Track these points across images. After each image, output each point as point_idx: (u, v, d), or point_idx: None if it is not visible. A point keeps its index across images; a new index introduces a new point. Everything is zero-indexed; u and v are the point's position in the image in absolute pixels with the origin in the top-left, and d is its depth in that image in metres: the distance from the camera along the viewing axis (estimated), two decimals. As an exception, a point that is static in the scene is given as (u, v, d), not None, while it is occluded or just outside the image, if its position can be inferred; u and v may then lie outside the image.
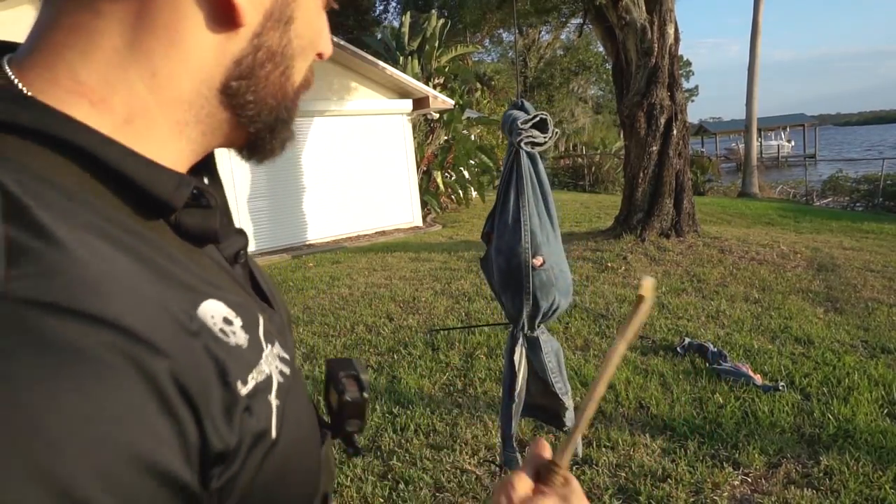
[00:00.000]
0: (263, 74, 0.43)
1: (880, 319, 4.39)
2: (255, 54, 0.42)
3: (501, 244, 1.33)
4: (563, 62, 24.28)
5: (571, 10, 9.28)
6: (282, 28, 0.43)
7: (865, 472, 2.47)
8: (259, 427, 0.37)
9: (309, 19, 0.45)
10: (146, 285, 0.33)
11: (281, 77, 0.45)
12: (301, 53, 0.47)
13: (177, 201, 0.38)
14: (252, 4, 0.40)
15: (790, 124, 41.97)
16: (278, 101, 0.46)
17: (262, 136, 0.48)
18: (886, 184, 14.70)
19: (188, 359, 0.32)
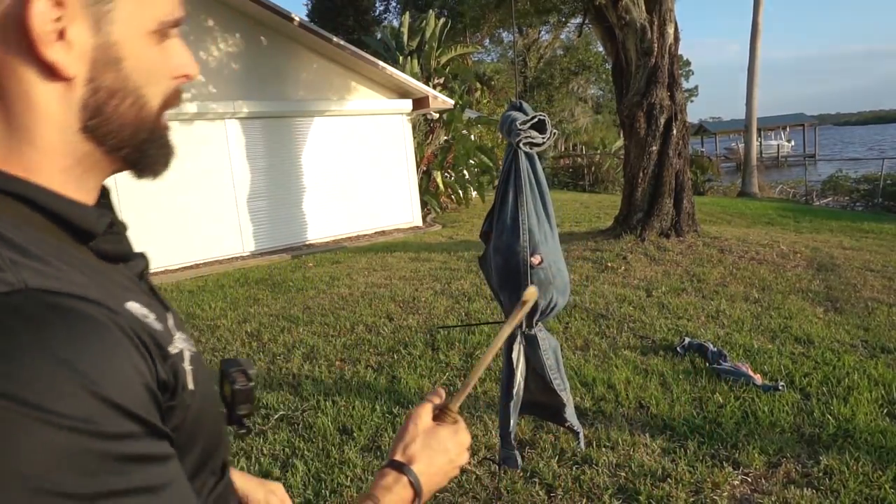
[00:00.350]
0: (111, 109, 0.51)
1: (880, 319, 4.39)
2: (96, 95, 0.49)
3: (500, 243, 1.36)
4: (562, 62, 24.27)
5: (571, 10, 9.28)
6: (113, 69, 0.50)
7: (865, 472, 2.47)
8: (182, 378, 0.51)
9: (140, 55, 0.51)
10: (93, 287, 0.45)
11: (132, 107, 0.52)
12: (149, 82, 0.53)
13: (98, 229, 0.51)
14: (73, 58, 0.47)
15: (790, 124, 41.98)
16: (136, 126, 0.53)
17: (135, 157, 0.55)
18: (886, 183, 14.70)
19: (136, 324, 0.47)
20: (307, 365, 4.04)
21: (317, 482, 2.62)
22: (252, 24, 9.21)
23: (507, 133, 1.41)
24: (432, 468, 0.73)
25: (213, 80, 8.93)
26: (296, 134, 9.83)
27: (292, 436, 3.05)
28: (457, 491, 2.49)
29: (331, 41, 9.52)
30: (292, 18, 9.03)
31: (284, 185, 9.72)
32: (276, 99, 9.46)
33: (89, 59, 0.48)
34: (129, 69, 0.51)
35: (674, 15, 7.31)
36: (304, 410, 3.33)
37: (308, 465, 2.76)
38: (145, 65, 0.52)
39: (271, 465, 2.76)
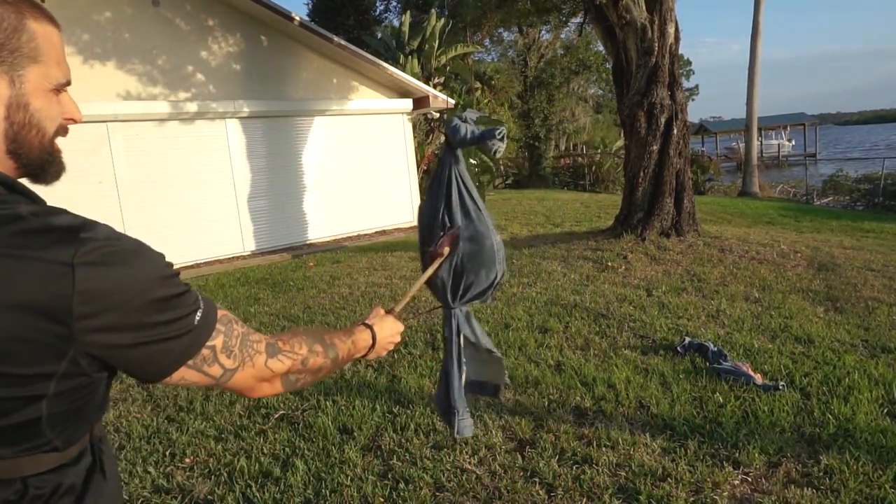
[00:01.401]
0: (23, 138, 0.80)
1: (880, 319, 4.39)
2: (13, 128, 0.79)
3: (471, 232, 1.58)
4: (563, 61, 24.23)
5: (571, 10, 9.27)
6: (22, 110, 0.79)
7: (865, 472, 2.47)
8: None
9: (41, 103, 0.81)
10: None
11: (37, 136, 0.82)
12: (46, 120, 0.83)
13: None
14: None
15: (790, 123, 41.96)
16: (39, 150, 0.83)
17: (36, 171, 0.84)
18: (887, 183, 14.70)
19: None
20: (307, 364, 4.04)
21: (317, 481, 2.62)
22: (253, 24, 9.21)
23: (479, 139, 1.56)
24: (381, 334, 1.31)
25: (214, 80, 8.93)
26: (296, 133, 9.83)
27: (293, 435, 3.05)
28: (457, 490, 2.50)
29: (331, 41, 9.52)
30: (293, 18, 9.03)
31: (285, 184, 9.72)
32: (277, 98, 9.47)
33: (5, 104, 0.78)
34: (33, 111, 0.80)
35: (674, 14, 7.30)
36: (304, 410, 3.33)
37: (308, 464, 2.76)
38: (44, 109, 0.82)
39: (272, 465, 2.77)
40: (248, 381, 0.94)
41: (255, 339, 0.94)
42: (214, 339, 0.86)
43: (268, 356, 0.95)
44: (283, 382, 1.02)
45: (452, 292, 1.60)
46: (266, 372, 0.95)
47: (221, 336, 0.88)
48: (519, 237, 8.78)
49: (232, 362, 0.89)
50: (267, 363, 0.95)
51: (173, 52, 8.52)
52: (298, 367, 1.02)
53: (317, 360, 1.06)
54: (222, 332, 0.88)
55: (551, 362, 3.80)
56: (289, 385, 1.03)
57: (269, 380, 0.98)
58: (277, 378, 0.99)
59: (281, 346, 0.99)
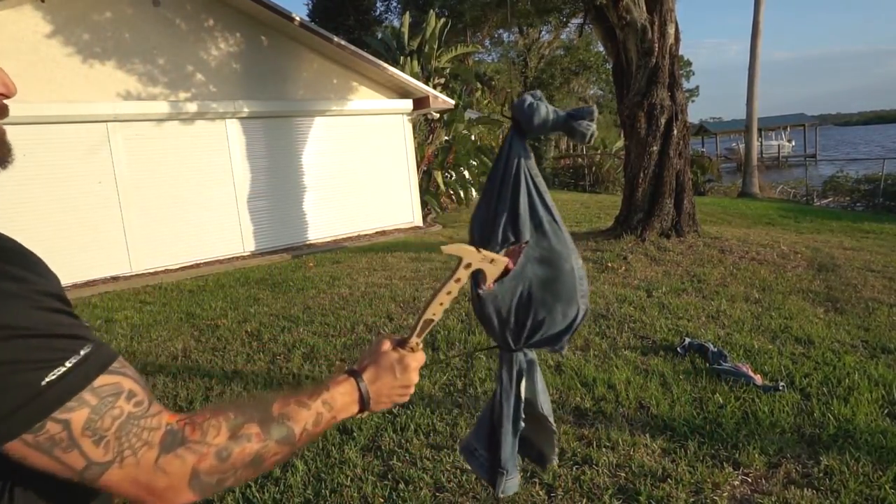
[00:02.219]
0: None
1: (881, 319, 4.39)
2: None
3: (543, 252, 1.16)
4: (563, 62, 24.26)
5: (572, 10, 9.28)
6: None
7: (865, 472, 2.47)
8: None
9: None
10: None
11: None
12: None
13: None
14: None
15: (790, 124, 41.96)
16: None
17: None
18: (887, 184, 14.70)
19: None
20: (307, 365, 4.04)
21: (317, 482, 2.62)
22: (253, 24, 9.21)
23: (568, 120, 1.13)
24: (381, 389, 0.93)
25: (214, 80, 8.93)
26: (296, 134, 9.83)
27: (292, 435, 3.05)
28: (457, 491, 2.49)
29: (331, 41, 9.52)
30: (293, 18, 9.03)
31: (285, 184, 9.72)
32: (277, 99, 9.47)
33: None
34: None
35: (674, 15, 7.30)
36: (304, 410, 3.33)
37: (308, 464, 2.76)
38: None
39: (271, 465, 2.76)
40: (131, 488, 0.66)
41: (150, 426, 0.67)
42: (71, 413, 0.61)
43: (161, 451, 0.67)
44: (194, 488, 0.69)
45: (515, 332, 1.19)
46: (157, 476, 0.67)
47: (86, 410, 0.63)
48: (519, 238, 8.77)
49: (101, 452, 0.64)
50: (159, 461, 0.67)
51: (173, 52, 8.52)
52: (211, 465, 0.70)
53: (247, 449, 0.73)
54: (88, 406, 0.63)
55: (551, 363, 3.80)
56: (204, 489, 0.70)
57: (168, 487, 0.68)
58: (182, 483, 0.68)
59: (187, 435, 0.70)
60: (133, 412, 0.66)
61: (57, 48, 7.49)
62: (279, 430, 0.76)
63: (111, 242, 7.93)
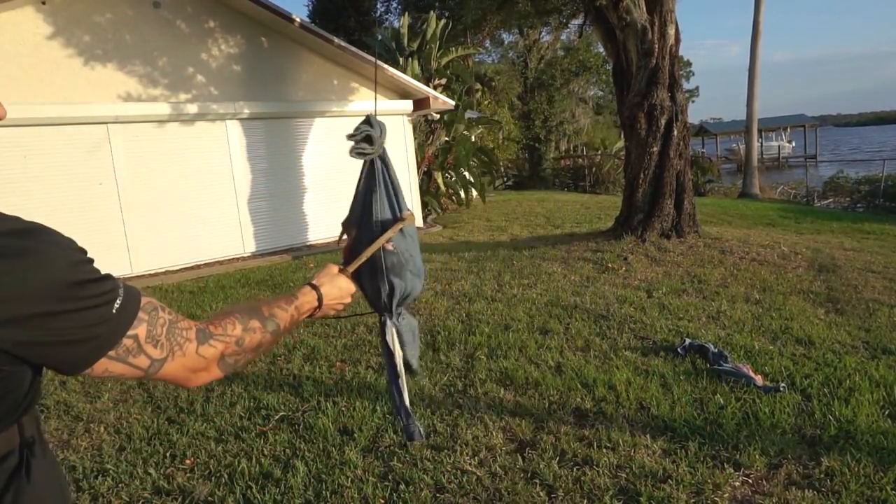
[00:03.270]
0: None
1: (881, 320, 4.39)
2: None
3: (363, 237, 1.59)
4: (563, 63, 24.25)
5: (572, 11, 9.28)
6: None
7: (867, 473, 2.47)
8: None
9: None
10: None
11: None
12: None
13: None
14: None
15: (791, 125, 41.98)
16: None
17: None
18: (887, 184, 14.70)
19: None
20: (308, 366, 4.04)
21: (317, 483, 2.62)
22: (253, 26, 9.22)
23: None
24: (330, 294, 1.28)
25: (214, 82, 8.94)
26: (296, 135, 9.84)
27: (293, 436, 3.05)
28: (457, 492, 2.49)
29: (331, 42, 9.52)
30: (293, 19, 9.04)
31: (285, 185, 9.72)
32: (277, 100, 9.47)
33: None
34: None
35: (674, 16, 7.31)
36: (304, 411, 3.33)
37: (309, 465, 2.76)
38: None
39: (272, 466, 2.76)
40: (181, 372, 0.91)
41: (184, 327, 0.90)
42: (136, 329, 0.82)
43: (198, 343, 0.92)
44: (220, 366, 0.98)
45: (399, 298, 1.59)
46: (199, 360, 0.92)
47: (145, 325, 0.84)
48: (519, 238, 8.78)
49: (159, 352, 0.86)
50: (199, 350, 0.92)
51: (174, 53, 8.53)
52: (233, 349, 0.98)
53: (254, 338, 1.01)
54: (145, 321, 0.84)
55: (552, 363, 3.80)
56: (227, 368, 0.99)
57: (205, 367, 0.94)
58: (213, 364, 0.96)
59: (212, 331, 0.95)
60: (171, 319, 0.88)
61: (58, 50, 7.49)
62: (271, 324, 1.06)
63: (112, 244, 7.93)
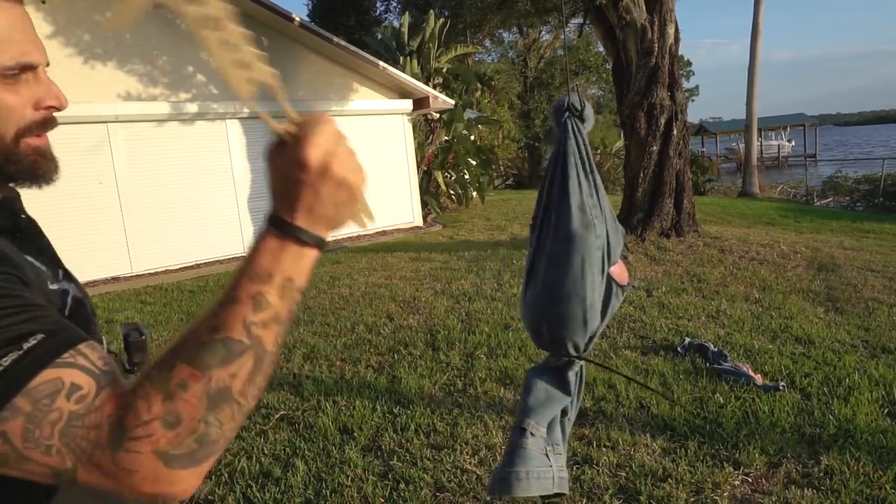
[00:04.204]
0: None
1: (881, 319, 4.39)
2: None
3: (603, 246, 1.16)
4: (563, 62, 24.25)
5: (572, 11, 9.27)
6: None
7: (866, 472, 2.47)
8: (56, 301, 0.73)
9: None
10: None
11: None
12: (3, 120, 0.67)
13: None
14: None
15: (790, 124, 41.96)
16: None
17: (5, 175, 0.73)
18: (886, 184, 14.70)
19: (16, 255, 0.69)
20: (308, 365, 4.04)
21: (317, 482, 2.63)
22: (253, 25, 9.21)
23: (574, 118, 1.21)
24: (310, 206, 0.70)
25: (214, 81, 8.93)
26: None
27: (293, 435, 3.05)
28: (457, 491, 2.50)
29: (331, 41, 9.52)
30: (293, 19, 9.04)
31: (285, 185, 9.71)
32: (277, 99, 9.47)
33: None
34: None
35: (674, 15, 7.30)
36: (304, 410, 3.33)
37: (309, 464, 2.76)
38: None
39: (272, 465, 2.77)
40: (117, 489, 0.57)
41: (93, 424, 0.55)
42: (6, 423, 0.54)
43: (113, 450, 0.55)
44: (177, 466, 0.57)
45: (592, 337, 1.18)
46: (128, 475, 0.56)
47: (20, 420, 0.54)
48: (519, 238, 8.78)
49: (59, 461, 0.55)
50: (116, 461, 0.55)
51: (174, 52, 8.53)
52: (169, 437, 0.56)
53: (192, 396, 0.57)
54: (23, 414, 0.54)
55: (551, 363, 3.80)
56: (194, 459, 0.58)
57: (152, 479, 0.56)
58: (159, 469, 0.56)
59: (128, 424, 0.56)
60: (74, 411, 0.55)
61: (58, 49, 7.49)
62: (213, 350, 0.58)
63: (112, 243, 7.93)
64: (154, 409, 0.56)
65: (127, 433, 0.55)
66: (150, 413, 0.56)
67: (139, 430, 0.55)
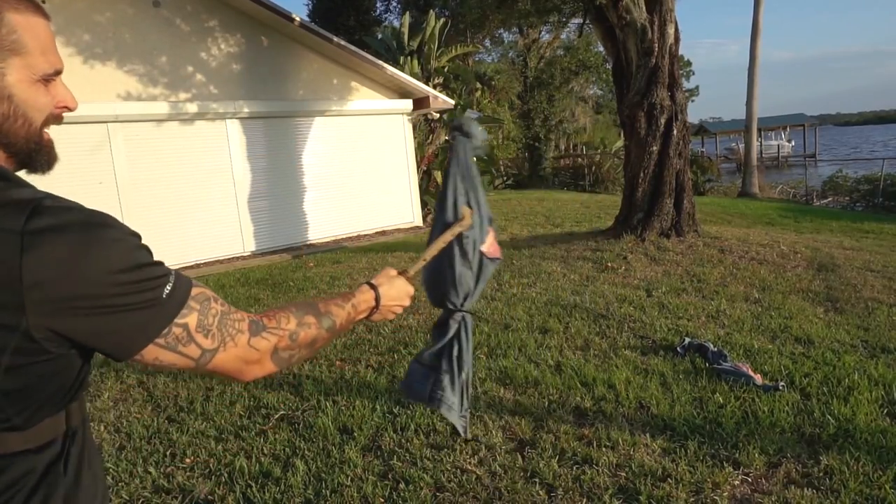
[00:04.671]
0: (9, 128, 0.80)
1: (880, 319, 4.39)
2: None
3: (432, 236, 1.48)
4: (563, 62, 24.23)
5: (571, 11, 9.27)
6: (6, 101, 0.79)
7: (866, 472, 2.47)
8: None
9: (25, 94, 0.81)
10: None
11: (23, 126, 0.82)
12: (32, 110, 0.83)
13: None
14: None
15: (790, 124, 41.99)
16: (25, 140, 0.83)
17: (25, 159, 0.84)
18: (886, 184, 14.71)
19: None
20: (307, 365, 4.05)
21: (317, 482, 2.63)
22: (253, 25, 9.21)
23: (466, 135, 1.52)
24: (389, 294, 1.22)
25: (214, 81, 8.93)
26: (296, 134, 9.84)
27: (293, 435, 3.05)
28: (457, 491, 2.50)
29: (331, 41, 9.52)
30: (293, 18, 9.04)
31: (285, 184, 9.72)
32: (277, 99, 9.47)
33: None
34: (18, 102, 0.80)
35: (674, 15, 7.31)
36: (304, 410, 3.33)
37: (308, 464, 2.76)
38: (29, 99, 0.82)
39: (272, 465, 2.77)
40: (233, 363, 0.89)
41: (237, 318, 0.89)
42: (186, 317, 0.82)
43: (251, 335, 0.90)
44: (274, 360, 0.95)
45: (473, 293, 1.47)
46: (251, 352, 0.90)
47: (195, 314, 0.83)
48: (519, 237, 8.78)
49: (210, 342, 0.85)
50: (251, 342, 0.90)
51: (174, 52, 8.53)
52: (286, 344, 0.95)
53: (308, 333, 0.99)
54: (196, 310, 0.83)
55: (551, 363, 3.81)
56: (281, 363, 0.96)
57: (258, 360, 0.92)
58: (266, 357, 0.93)
59: (266, 323, 0.94)
60: (223, 310, 0.88)
61: (58, 49, 7.48)
62: (327, 321, 1.03)
63: (111, 243, 7.93)
64: (289, 325, 0.97)
65: (265, 328, 0.93)
66: (286, 326, 0.96)
67: (275, 330, 0.94)
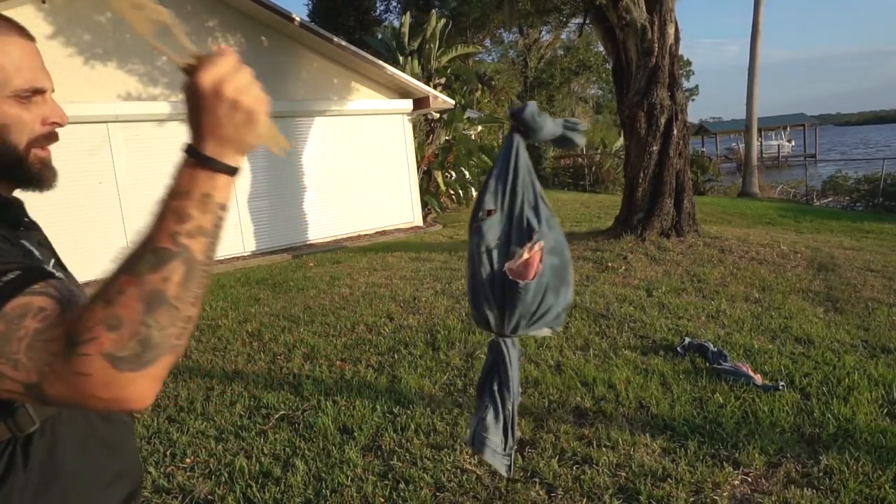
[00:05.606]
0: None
1: (880, 319, 4.39)
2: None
3: (552, 242, 1.29)
4: (563, 62, 24.27)
5: (572, 11, 9.28)
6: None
7: (865, 472, 2.47)
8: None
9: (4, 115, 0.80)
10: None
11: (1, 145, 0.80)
12: (13, 131, 0.81)
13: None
14: None
15: (790, 124, 41.95)
16: (8, 158, 0.82)
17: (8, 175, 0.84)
18: (886, 184, 14.70)
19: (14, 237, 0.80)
20: (308, 365, 4.05)
21: (317, 482, 2.63)
22: (253, 25, 9.21)
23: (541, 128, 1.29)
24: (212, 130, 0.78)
25: (214, 80, 8.93)
26: (296, 134, 9.83)
27: (293, 435, 3.06)
28: (457, 491, 2.50)
29: (331, 41, 9.52)
30: (293, 18, 9.04)
31: (285, 184, 9.72)
32: (277, 99, 9.47)
33: None
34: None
35: (674, 15, 7.31)
36: (304, 410, 3.34)
37: (309, 464, 2.76)
38: (7, 119, 0.80)
39: (272, 465, 2.77)
40: (79, 397, 0.64)
41: (52, 337, 0.63)
42: None
43: (66, 357, 0.62)
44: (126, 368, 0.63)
45: (528, 317, 1.27)
46: (84, 380, 0.62)
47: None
48: (519, 238, 8.77)
49: (25, 375, 0.63)
50: (72, 367, 0.62)
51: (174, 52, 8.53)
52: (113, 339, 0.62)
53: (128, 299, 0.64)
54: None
55: (551, 362, 3.81)
56: (141, 362, 0.63)
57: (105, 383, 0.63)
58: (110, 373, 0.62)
59: (76, 332, 0.63)
60: (38, 328, 0.64)
61: (58, 49, 7.49)
62: (143, 259, 0.66)
63: (112, 243, 7.93)
64: (97, 314, 0.63)
65: (77, 338, 0.62)
66: (94, 319, 0.63)
67: (86, 335, 0.62)
